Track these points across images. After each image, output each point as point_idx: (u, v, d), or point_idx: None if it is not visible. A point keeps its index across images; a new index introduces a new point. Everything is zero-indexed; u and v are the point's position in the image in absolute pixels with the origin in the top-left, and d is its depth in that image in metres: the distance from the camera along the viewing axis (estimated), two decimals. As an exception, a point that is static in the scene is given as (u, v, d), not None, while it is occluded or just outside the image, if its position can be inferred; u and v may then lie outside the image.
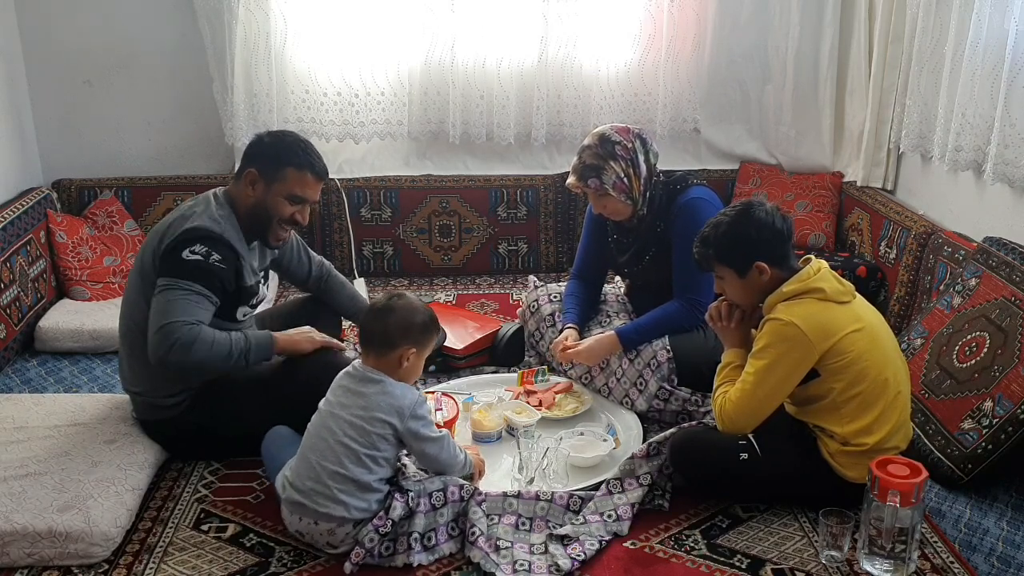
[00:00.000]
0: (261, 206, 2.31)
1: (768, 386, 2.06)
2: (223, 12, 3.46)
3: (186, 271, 2.16)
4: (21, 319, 3.04)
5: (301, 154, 2.31)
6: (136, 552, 2.02)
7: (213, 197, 2.32)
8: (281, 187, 2.30)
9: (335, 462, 1.94)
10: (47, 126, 3.67)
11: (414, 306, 2.08)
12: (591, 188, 2.57)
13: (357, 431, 1.95)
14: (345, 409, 1.98)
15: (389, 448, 1.99)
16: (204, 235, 2.20)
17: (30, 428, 2.36)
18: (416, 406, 2.01)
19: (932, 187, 3.31)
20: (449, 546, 2.01)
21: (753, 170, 3.90)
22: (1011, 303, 2.37)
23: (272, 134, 2.39)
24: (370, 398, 1.98)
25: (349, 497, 1.93)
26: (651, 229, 2.66)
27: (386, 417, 1.97)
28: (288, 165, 2.30)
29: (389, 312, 2.04)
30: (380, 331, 2.03)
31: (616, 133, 2.58)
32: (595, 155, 2.56)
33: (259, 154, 2.32)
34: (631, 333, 2.61)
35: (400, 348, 2.02)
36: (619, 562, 1.99)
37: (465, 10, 3.59)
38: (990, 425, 2.21)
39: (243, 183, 2.31)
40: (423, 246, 3.90)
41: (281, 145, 2.32)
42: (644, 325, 2.62)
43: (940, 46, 3.04)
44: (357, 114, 3.69)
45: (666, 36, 3.69)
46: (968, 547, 2.06)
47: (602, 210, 2.65)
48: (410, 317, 2.04)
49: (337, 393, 2.03)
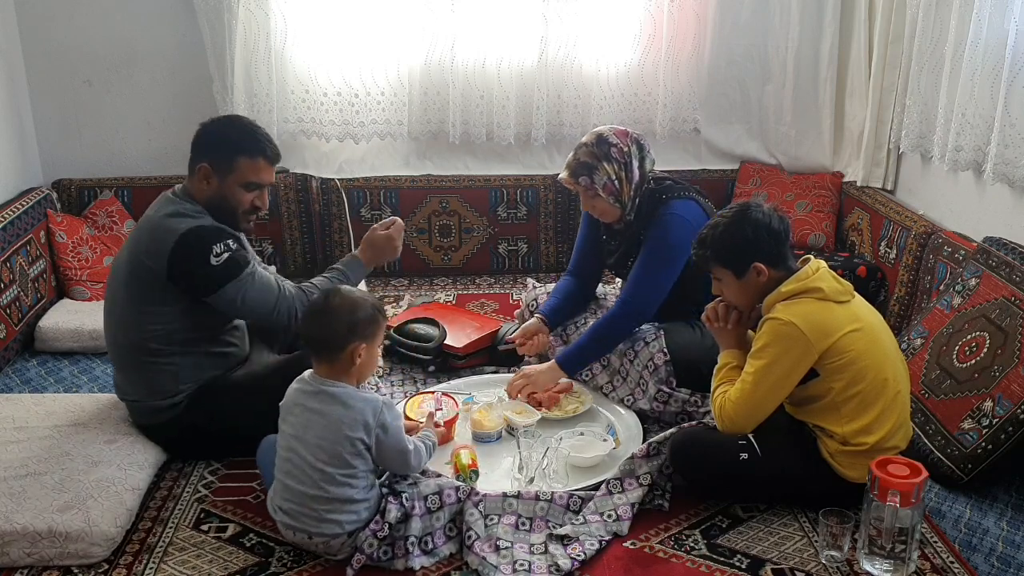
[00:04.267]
0: (219, 198, 2.29)
1: (767, 385, 2.06)
2: (223, 12, 3.46)
3: (230, 270, 2.20)
4: (21, 319, 3.04)
5: (251, 141, 2.29)
6: (136, 552, 2.02)
7: (174, 195, 2.29)
8: (236, 177, 2.27)
9: (314, 487, 1.90)
10: (47, 126, 3.67)
11: (354, 300, 1.99)
12: (581, 186, 2.57)
13: (328, 454, 1.90)
14: (309, 431, 1.91)
15: (364, 462, 1.94)
16: (204, 231, 2.20)
17: (30, 428, 2.36)
18: (381, 412, 1.94)
19: (932, 187, 3.31)
20: (448, 547, 2.01)
21: (753, 170, 3.90)
22: (1011, 303, 2.37)
23: (216, 121, 2.35)
24: (331, 416, 1.91)
25: (338, 515, 1.91)
26: (635, 235, 2.66)
27: (352, 434, 1.90)
28: (239, 154, 2.27)
29: (328, 313, 1.96)
30: (324, 335, 1.95)
31: (614, 135, 2.57)
32: (590, 153, 2.56)
33: (208, 145, 2.29)
34: (571, 355, 2.62)
35: (348, 347, 1.94)
36: (619, 562, 1.99)
37: (465, 10, 3.59)
38: (990, 425, 2.21)
39: (197, 178, 2.28)
40: (423, 246, 3.90)
41: (230, 133, 2.30)
42: (582, 343, 2.62)
43: (940, 46, 3.04)
44: (357, 114, 3.69)
45: (666, 36, 3.68)
46: (968, 547, 2.06)
47: (590, 209, 2.65)
48: (351, 313, 1.96)
49: (295, 412, 1.95)
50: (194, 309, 2.26)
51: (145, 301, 2.24)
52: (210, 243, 2.19)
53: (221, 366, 2.37)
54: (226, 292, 2.22)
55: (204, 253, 2.18)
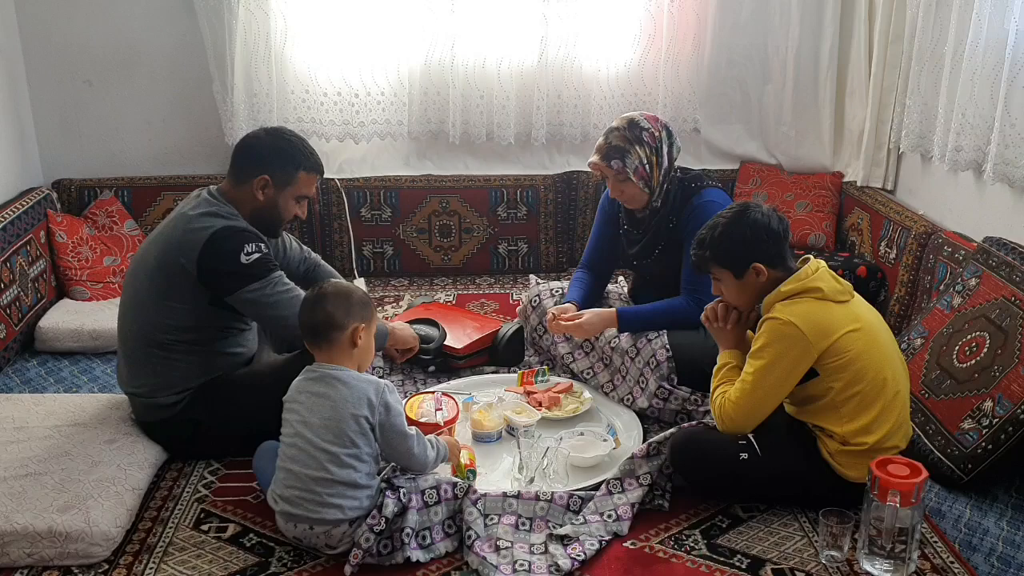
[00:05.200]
0: (271, 208, 2.35)
1: (767, 385, 2.06)
2: (223, 12, 3.47)
3: (258, 270, 2.23)
4: (21, 319, 3.04)
5: (310, 156, 2.38)
6: (136, 552, 2.02)
7: (210, 195, 2.32)
8: (292, 190, 2.36)
9: (318, 468, 1.93)
10: (47, 126, 3.67)
11: (345, 286, 2.11)
12: (613, 170, 2.57)
13: (333, 433, 1.94)
14: (314, 414, 1.96)
15: (368, 443, 1.97)
16: (238, 231, 2.24)
17: (30, 428, 2.36)
18: (383, 392, 1.99)
19: (932, 187, 3.31)
20: (446, 544, 2.01)
21: (753, 170, 3.90)
22: (1011, 303, 2.37)
23: (271, 134, 2.39)
24: (336, 396, 1.97)
25: (340, 499, 1.93)
26: (663, 223, 2.66)
27: (356, 411, 1.96)
28: (300, 169, 2.36)
29: (324, 298, 2.04)
30: (324, 318, 2.02)
31: (645, 120, 2.59)
32: (622, 137, 2.56)
33: (267, 158, 2.33)
34: (631, 315, 2.64)
35: (348, 327, 2.02)
36: (619, 562, 1.99)
37: (465, 10, 3.59)
38: (990, 425, 2.21)
39: (252, 187, 2.32)
40: (423, 246, 3.90)
41: (288, 148, 2.35)
42: (645, 311, 2.65)
43: (940, 46, 3.04)
44: (357, 114, 3.69)
45: (666, 36, 3.68)
46: (968, 547, 2.06)
47: (618, 195, 2.65)
48: (347, 296, 2.05)
49: (301, 399, 2.00)
50: (213, 308, 2.28)
51: (168, 295, 2.26)
52: (242, 242, 2.23)
53: (228, 366, 2.38)
54: (250, 292, 2.24)
55: (236, 251, 2.21)
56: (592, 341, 2.73)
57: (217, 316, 2.31)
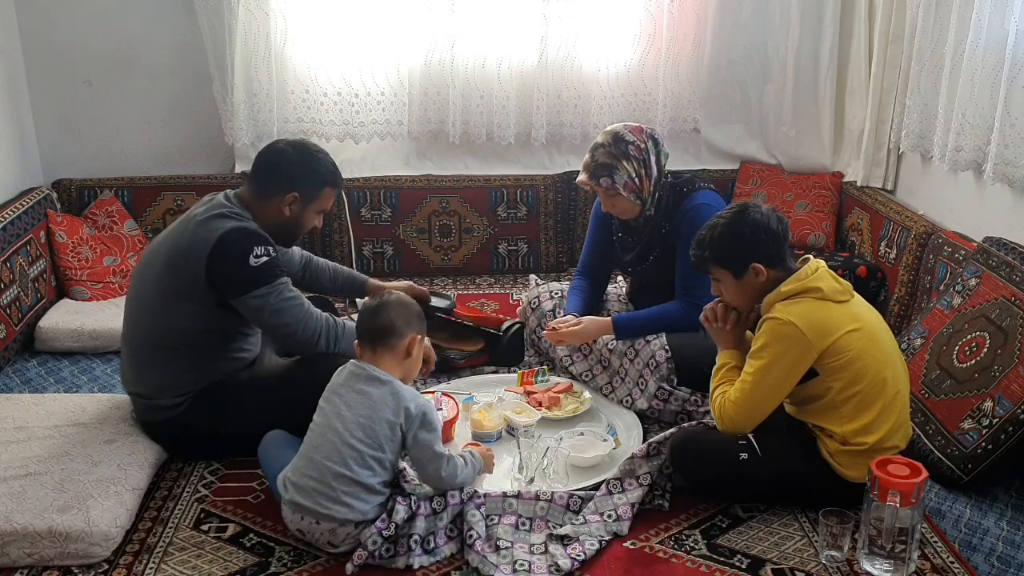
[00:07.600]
0: (294, 223, 2.36)
1: (767, 385, 2.06)
2: (223, 12, 3.46)
3: (265, 275, 2.22)
4: (21, 319, 3.04)
5: (336, 173, 2.40)
6: (136, 552, 2.02)
7: (227, 200, 2.31)
8: (316, 205, 2.38)
9: (340, 463, 1.94)
10: (47, 126, 3.67)
11: (405, 298, 2.16)
12: (602, 187, 2.58)
13: (364, 431, 1.96)
14: (351, 409, 1.98)
15: (392, 450, 1.98)
16: (248, 233, 2.23)
17: (30, 428, 2.36)
18: (426, 410, 2.01)
19: (932, 187, 3.31)
20: (449, 548, 2.01)
21: (753, 170, 3.90)
22: (1011, 303, 2.37)
23: (298, 150, 2.36)
24: (376, 398, 1.98)
25: (352, 499, 1.93)
26: (657, 229, 2.66)
27: (393, 418, 1.97)
28: (326, 185, 2.37)
29: (387, 306, 2.09)
30: (387, 324, 2.06)
31: (630, 132, 2.58)
32: (608, 154, 2.56)
33: (296, 176, 2.32)
34: (627, 322, 2.64)
35: (408, 335, 2.07)
36: (619, 562, 1.99)
37: (465, 10, 3.59)
38: (990, 425, 2.21)
39: (280, 203, 2.32)
40: (423, 246, 3.90)
41: (317, 166, 2.36)
42: (641, 317, 2.65)
43: (940, 46, 3.04)
44: (357, 114, 3.69)
45: (666, 36, 3.69)
46: (968, 547, 2.06)
47: (611, 209, 2.65)
48: (408, 307, 2.11)
49: (341, 392, 2.02)
50: (220, 311, 2.27)
51: (176, 297, 2.25)
52: (252, 244, 2.21)
53: (231, 369, 2.37)
54: (257, 296, 2.22)
55: (245, 253, 2.20)
56: (590, 344, 2.73)
57: (224, 319, 2.30)
